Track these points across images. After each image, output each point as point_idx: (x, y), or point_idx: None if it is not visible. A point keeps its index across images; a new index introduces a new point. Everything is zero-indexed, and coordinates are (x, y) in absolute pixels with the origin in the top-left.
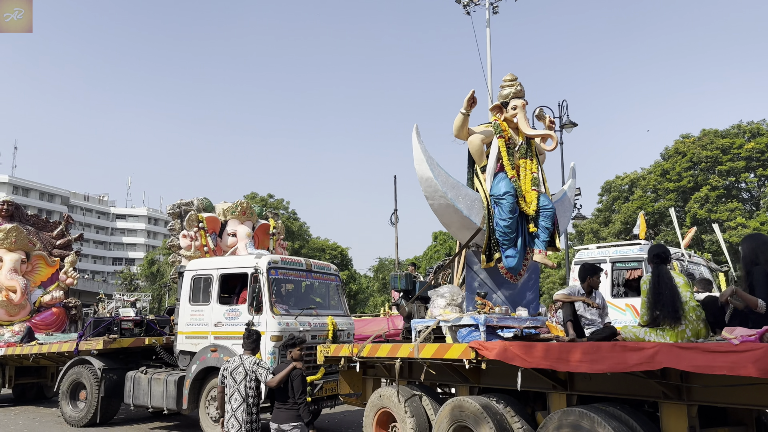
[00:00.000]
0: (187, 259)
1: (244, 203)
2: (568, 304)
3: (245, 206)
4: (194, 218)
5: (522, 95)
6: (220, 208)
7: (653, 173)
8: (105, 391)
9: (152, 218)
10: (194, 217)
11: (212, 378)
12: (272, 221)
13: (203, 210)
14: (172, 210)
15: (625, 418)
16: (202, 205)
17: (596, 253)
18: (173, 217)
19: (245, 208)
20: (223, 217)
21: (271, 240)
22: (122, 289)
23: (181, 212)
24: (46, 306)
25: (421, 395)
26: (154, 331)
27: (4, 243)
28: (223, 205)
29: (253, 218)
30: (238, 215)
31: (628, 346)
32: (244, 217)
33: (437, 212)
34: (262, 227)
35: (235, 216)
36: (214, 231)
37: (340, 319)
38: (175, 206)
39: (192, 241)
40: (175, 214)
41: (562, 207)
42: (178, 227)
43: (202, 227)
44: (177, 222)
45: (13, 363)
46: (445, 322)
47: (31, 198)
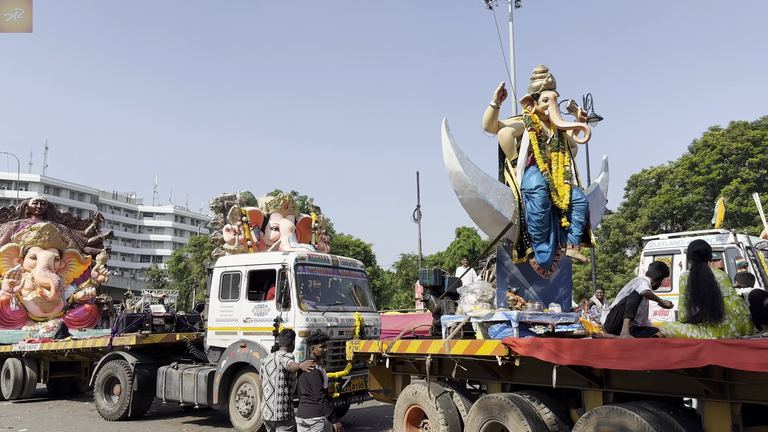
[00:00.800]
0: (230, 253)
1: (286, 197)
2: (635, 300)
3: (288, 200)
4: (237, 212)
5: (553, 87)
6: (263, 201)
7: (681, 166)
8: (138, 386)
9: (179, 216)
10: (237, 210)
11: (242, 373)
12: (314, 215)
13: (246, 204)
14: (215, 204)
15: (668, 419)
16: (245, 198)
17: (669, 243)
18: (216, 211)
19: (288, 201)
20: (265, 210)
21: (313, 234)
22: (150, 286)
23: (224, 206)
24: (79, 302)
25: (452, 392)
26: (184, 327)
27: (38, 241)
28: (266, 199)
29: (295, 212)
30: (280, 209)
31: (670, 342)
32: (287, 211)
33: (467, 207)
34: (303, 221)
35: (278, 210)
36: (257, 225)
37: (367, 315)
38: (218, 200)
39: (235, 235)
40: (218, 207)
41: (594, 201)
42: (221, 221)
43: (245, 221)
44: (220, 216)
45: (48, 358)
46: (476, 318)
47: (62, 197)
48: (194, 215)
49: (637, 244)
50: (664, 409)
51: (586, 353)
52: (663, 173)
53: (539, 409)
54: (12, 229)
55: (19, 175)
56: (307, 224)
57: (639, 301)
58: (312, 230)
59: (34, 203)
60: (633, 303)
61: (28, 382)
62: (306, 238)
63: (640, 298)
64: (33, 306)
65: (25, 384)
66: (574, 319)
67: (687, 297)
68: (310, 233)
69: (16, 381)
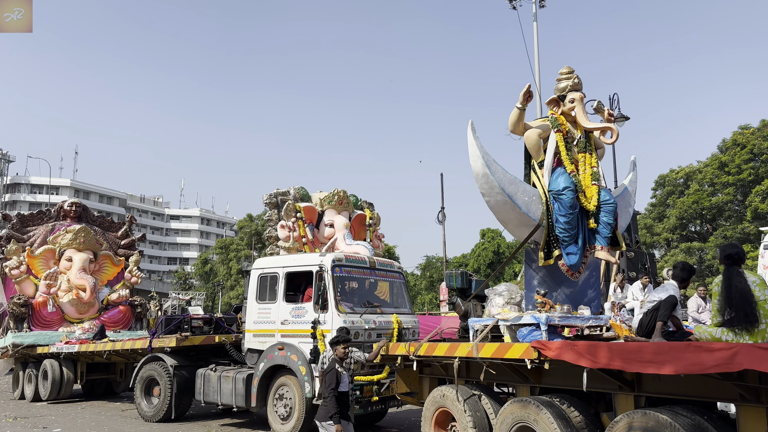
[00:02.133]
0: (285, 250)
1: (341, 192)
2: (669, 303)
3: (342, 195)
4: (292, 208)
5: (579, 88)
6: (317, 197)
7: (710, 166)
8: (177, 388)
9: (204, 218)
10: (292, 207)
11: (279, 376)
12: (368, 211)
13: (300, 199)
14: (268, 199)
15: (703, 424)
16: (299, 194)
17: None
18: (270, 207)
19: (342, 197)
20: (320, 206)
21: (368, 231)
22: (177, 288)
23: (278, 202)
24: (113, 304)
25: (480, 395)
26: (222, 329)
27: (74, 243)
28: (320, 195)
29: (349, 208)
30: (335, 205)
31: (704, 346)
32: (341, 207)
33: (494, 209)
34: (358, 218)
35: (332, 206)
36: (311, 221)
37: (405, 317)
38: (271, 195)
39: (290, 232)
40: (271, 204)
41: (622, 202)
42: (275, 218)
43: (300, 217)
44: (274, 212)
45: (84, 359)
46: (504, 321)
47: (92, 200)
48: (220, 218)
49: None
50: (698, 413)
51: (618, 356)
52: (691, 173)
53: (569, 412)
54: (48, 232)
55: (51, 180)
56: (361, 221)
57: (674, 306)
58: (366, 227)
59: (69, 206)
60: (668, 308)
61: (65, 383)
62: (360, 235)
63: (675, 302)
64: (69, 307)
65: (62, 385)
66: (604, 322)
67: (720, 302)
68: (365, 230)
69: (54, 382)
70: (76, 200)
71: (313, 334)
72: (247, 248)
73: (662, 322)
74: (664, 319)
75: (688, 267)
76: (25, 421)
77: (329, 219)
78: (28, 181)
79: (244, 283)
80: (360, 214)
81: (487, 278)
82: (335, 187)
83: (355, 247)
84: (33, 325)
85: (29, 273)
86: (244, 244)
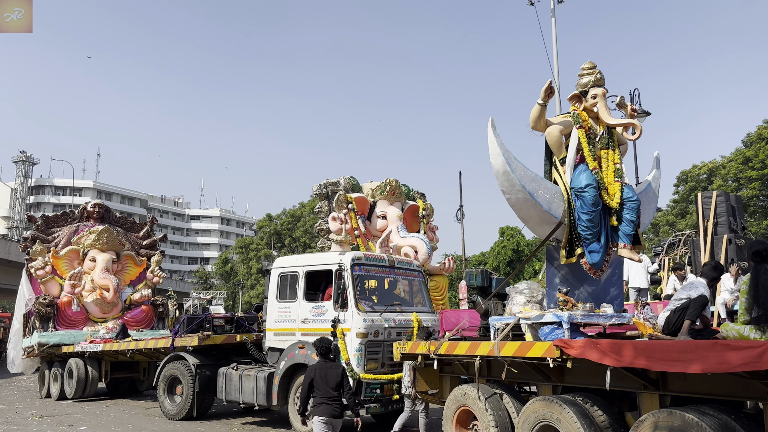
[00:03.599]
0: (337, 244)
1: (393, 181)
2: (700, 303)
3: (395, 185)
4: (343, 199)
5: (602, 83)
6: (368, 187)
7: (734, 161)
8: (199, 387)
9: (225, 218)
10: (343, 197)
11: (300, 374)
12: (421, 202)
13: (351, 189)
14: (318, 190)
15: (730, 424)
16: (349, 184)
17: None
18: (320, 198)
19: (395, 186)
20: (371, 197)
21: (421, 223)
22: (198, 288)
23: (329, 192)
24: (136, 303)
25: (502, 393)
26: (243, 328)
27: (97, 244)
28: (371, 185)
29: (401, 198)
30: (387, 195)
31: (731, 344)
32: (394, 197)
33: (515, 207)
34: (410, 208)
35: (384, 196)
36: (362, 213)
37: (425, 315)
38: (321, 186)
39: (342, 224)
40: (322, 195)
41: (646, 199)
42: (325, 209)
43: (351, 209)
44: (324, 204)
45: (108, 358)
46: (526, 319)
47: (113, 201)
48: (239, 218)
49: None
50: (725, 413)
51: (642, 355)
52: (715, 168)
53: (592, 411)
54: (72, 233)
55: (74, 182)
56: (413, 212)
57: (705, 306)
58: (420, 219)
59: (92, 207)
60: (698, 307)
61: (90, 381)
62: (413, 227)
63: (706, 302)
64: (93, 307)
65: (87, 383)
66: (627, 320)
67: (747, 300)
68: (418, 222)
69: (79, 380)
70: (99, 202)
71: (333, 332)
72: (266, 247)
73: (690, 320)
74: (693, 318)
75: (720, 267)
76: (51, 419)
77: (381, 210)
78: (52, 183)
79: (265, 283)
80: (412, 204)
81: (506, 276)
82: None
83: (411, 239)
84: (58, 324)
85: (54, 273)
86: (264, 244)
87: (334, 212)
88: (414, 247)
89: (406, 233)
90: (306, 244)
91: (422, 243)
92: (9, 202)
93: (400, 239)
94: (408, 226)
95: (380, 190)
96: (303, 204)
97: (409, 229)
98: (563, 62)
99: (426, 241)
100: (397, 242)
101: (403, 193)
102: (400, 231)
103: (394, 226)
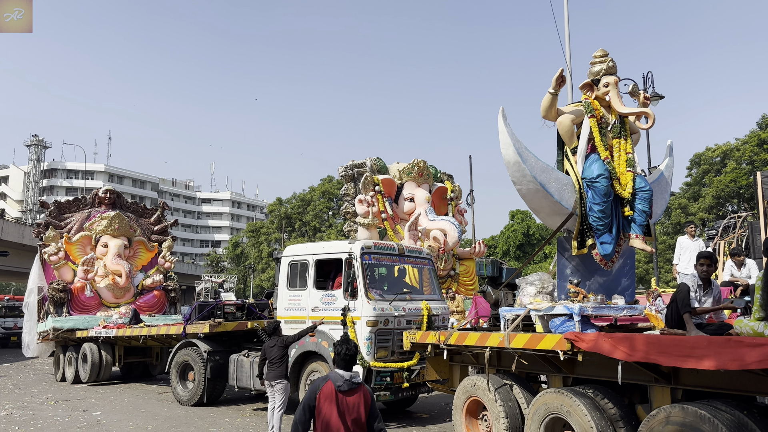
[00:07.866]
0: (364, 227)
1: (421, 162)
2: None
3: (423, 166)
4: (370, 181)
5: (614, 72)
6: (394, 169)
7: (749, 143)
8: (211, 373)
9: (235, 202)
10: (370, 179)
11: (311, 362)
12: (449, 184)
13: (377, 171)
14: (344, 172)
15: (743, 419)
16: (376, 166)
17: None
18: (346, 180)
19: (422, 168)
20: (398, 179)
21: (449, 206)
22: (210, 271)
23: (355, 174)
24: (148, 289)
25: (512, 384)
26: (254, 315)
27: (109, 229)
28: (398, 166)
29: (429, 180)
30: (414, 177)
31: (745, 341)
32: (421, 179)
33: (525, 197)
34: (438, 191)
35: (412, 178)
36: (389, 195)
37: (435, 304)
38: (347, 168)
39: (369, 207)
40: (348, 176)
41: (658, 188)
42: (351, 192)
43: (378, 191)
44: (350, 186)
45: (122, 343)
46: (537, 311)
47: (125, 185)
48: (250, 201)
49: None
50: (738, 408)
51: (654, 350)
52: (729, 151)
53: (603, 403)
54: (84, 218)
55: (86, 165)
56: (441, 194)
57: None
58: (447, 201)
59: (103, 193)
60: (683, 297)
61: (104, 365)
62: (441, 209)
63: (688, 289)
64: (106, 292)
65: (101, 367)
66: (638, 312)
67: (763, 296)
68: (446, 204)
69: (93, 365)
70: (111, 187)
71: (343, 320)
72: (277, 231)
73: (687, 313)
74: (687, 310)
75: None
76: (66, 404)
77: (409, 192)
78: (64, 167)
79: (275, 270)
80: (440, 186)
81: (517, 261)
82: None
83: (440, 223)
84: (72, 309)
85: (67, 259)
86: (275, 228)
87: (361, 194)
88: (443, 230)
89: (434, 216)
90: (316, 228)
91: (452, 226)
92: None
93: (429, 222)
94: (436, 209)
95: (407, 171)
96: (313, 188)
97: (437, 212)
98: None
99: (455, 224)
100: (426, 225)
101: (431, 174)
102: (429, 214)
103: (423, 209)
